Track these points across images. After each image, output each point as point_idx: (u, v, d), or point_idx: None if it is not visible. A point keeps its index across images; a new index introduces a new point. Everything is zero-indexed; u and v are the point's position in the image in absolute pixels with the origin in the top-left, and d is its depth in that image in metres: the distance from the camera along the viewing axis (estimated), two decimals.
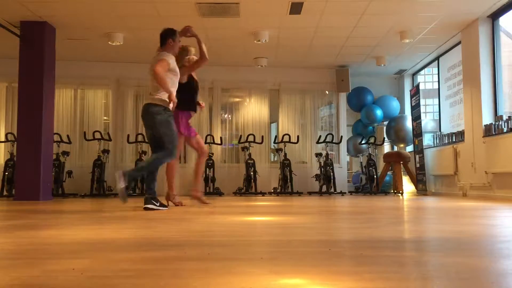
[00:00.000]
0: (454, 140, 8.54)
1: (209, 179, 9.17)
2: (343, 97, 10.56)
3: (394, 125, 10.38)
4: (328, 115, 10.88)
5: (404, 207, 5.49)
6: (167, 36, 4.96)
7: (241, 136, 9.95)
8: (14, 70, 7.54)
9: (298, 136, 9.78)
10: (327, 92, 10.70)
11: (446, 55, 9.27)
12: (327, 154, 9.49)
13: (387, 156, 10.27)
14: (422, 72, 11.13)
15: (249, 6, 6.87)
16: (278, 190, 9.31)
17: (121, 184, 4.43)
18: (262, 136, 9.77)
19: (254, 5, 6.88)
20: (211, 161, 9.29)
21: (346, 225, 3.34)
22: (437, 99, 9.83)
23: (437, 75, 9.84)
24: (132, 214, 4.26)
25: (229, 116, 10.77)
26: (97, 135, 9.13)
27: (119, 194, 4.51)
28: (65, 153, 8.94)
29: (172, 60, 4.85)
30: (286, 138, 9.54)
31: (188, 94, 5.34)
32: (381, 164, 10.31)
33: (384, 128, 10.80)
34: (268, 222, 3.58)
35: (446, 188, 8.86)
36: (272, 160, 10.65)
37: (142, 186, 8.94)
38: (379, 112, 10.23)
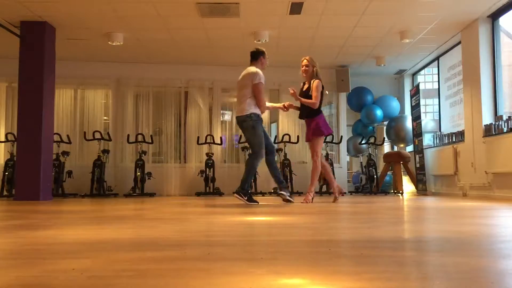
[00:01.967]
0: (454, 140, 8.54)
1: (209, 179, 9.17)
2: (343, 97, 10.56)
3: (394, 125, 10.38)
4: (328, 115, 10.86)
5: (404, 207, 5.49)
6: (259, 54, 6.11)
7: (241, 136, 9.93)
8: (14, 70, 7.54)
9: (298, 136, 9.77)
10: (327, 92, 10.65)
11: (446, 55, 9.27)
12: (327, 154, 9.48)
13: (387, 156, 10.27)
14: (422, 72, 11.12)
15: (249, 6, 6.87)
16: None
17: (244, 199, 5.64)
18: None
19: (254, 5, 6.88)
20: (211, 161, 9.29)
21: (346, 225, 3.34)
22: (437, 99, 9.83)
23: (437, 75, 9.84)
24: (132, 214, 4.27)
25: (229, 116, 10.76)
26: (97, 135, 9.12)
27: (253, 204, 5.62)
28: (65, 153, 8.94)
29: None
30: (286, 138, 9.54)
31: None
32: (381, 164, 10.31)
33: (384, 128, 10.80)
34: (268, 222, 3.58)
35: (446, 188, 8.86)
36: None
37: (142, 186, 8.96)
38: (379, 112, 10.23)
